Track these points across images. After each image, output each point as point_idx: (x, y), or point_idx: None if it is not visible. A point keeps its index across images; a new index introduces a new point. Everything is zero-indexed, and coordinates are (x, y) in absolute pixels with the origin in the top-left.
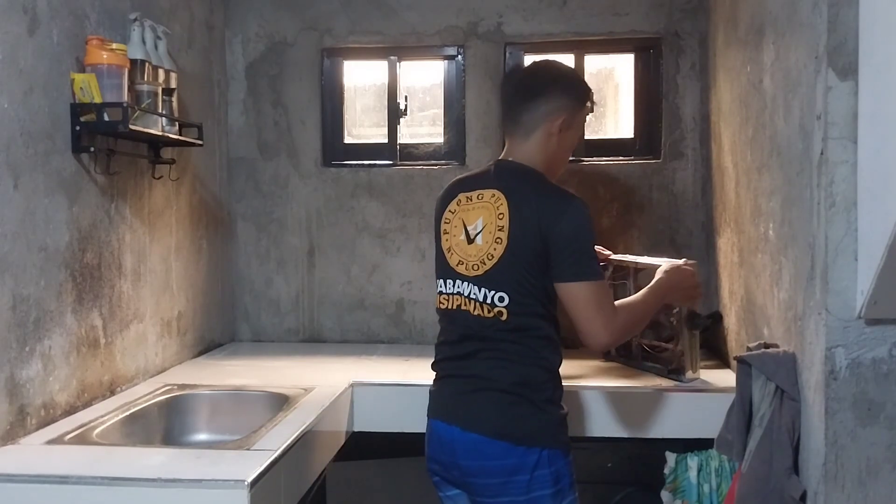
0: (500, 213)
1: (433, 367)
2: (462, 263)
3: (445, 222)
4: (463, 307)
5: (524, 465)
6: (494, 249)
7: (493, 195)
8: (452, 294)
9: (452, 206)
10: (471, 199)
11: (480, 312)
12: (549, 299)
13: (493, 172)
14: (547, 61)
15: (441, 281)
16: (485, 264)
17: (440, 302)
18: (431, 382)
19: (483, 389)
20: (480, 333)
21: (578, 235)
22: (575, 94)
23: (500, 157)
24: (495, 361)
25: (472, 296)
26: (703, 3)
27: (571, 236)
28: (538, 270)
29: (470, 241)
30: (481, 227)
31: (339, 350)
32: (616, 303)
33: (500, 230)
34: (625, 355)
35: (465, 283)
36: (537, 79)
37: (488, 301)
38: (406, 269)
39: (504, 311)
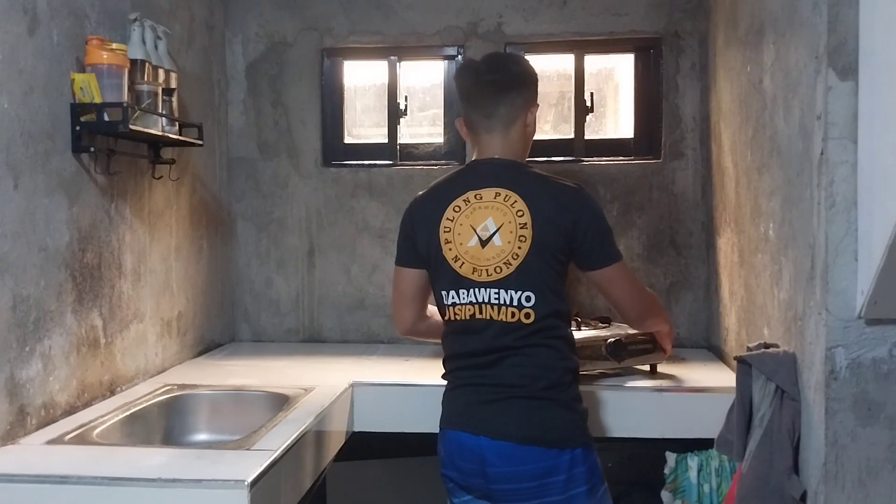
0: (519, 212)
1: (446, 376)
2: (476, 270)
3: (445, 231)
4: (478, 315)
5: (560, 466)
6: (519, 249)
7: (499, 194)
8: (465, 304)
9: (449, 213)
10: (468, 202)
11: (504, 317)
12: (565, 296)
13: (484, 172)
14: (503, 53)
15: (448, 292)
16: (509, 265)
17: (452, 314)
18: (444, 393)
19: (511, 397)
20: (503, 340)
21: (600, 222)
22: (536, 82)
23: (480, 157)
24: (521, 368)
25: (492, 301)
26: (703, 3)
27: (596, 225)
28: (560, 266)
29: (484, 244)
30: (494, 227)
31: (339, 350)
32: None
33: (522, 228)
34: None
35: (483, 290)
36: (508, 71)
37: (514, 303)
38: None
39: (531, 311)
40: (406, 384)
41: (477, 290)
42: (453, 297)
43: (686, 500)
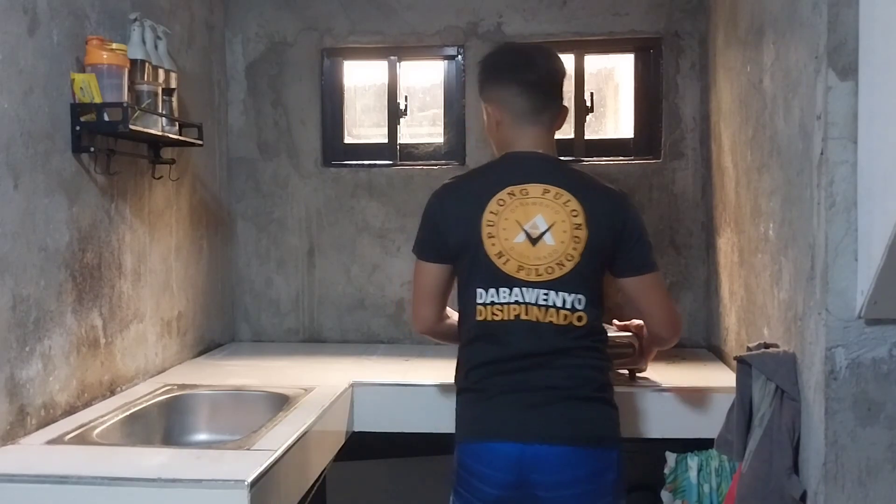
0: (574, 211)
1: (472, 385)
2: (523, 269)
3: (489, 225)
4: (524, 316)
5: (611, 465)
6: (573, 250)
7: (548, 191)
8: (509, 304)
9: (493, 206)
10: (514, 195)
11: (554, 319)
12: (603, 299)
13: (527, 166)
14: (547, 46)
15: (486, 290)
16: (562, 267)
17: (489, 314)
18: (469, 405)
19: (562, 400)
20: (553, 343)
21: (644, 229)
22: None
23: (517, 149)
24: (571, 370)
25: (540, 302)
26: (703, 3)
27: (640, 231)
28: (604, 269)
29: (534, 242)
30: (545, 226)
31: (339, 350)
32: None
33: (576, 229)
34: None
35: (531, 290)
36: (560, 67)
37: (567, 306)
38: (406, 269)
39: (583, 314)
40: (406, 384)
41: (523, 289)
42: (492, 296)
43: (686, 500)
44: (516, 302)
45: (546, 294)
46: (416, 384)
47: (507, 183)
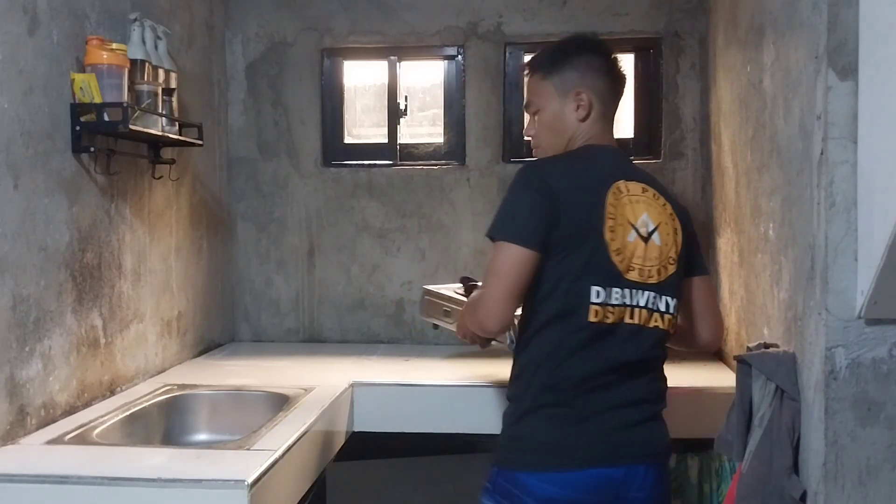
0: (672, 215)
1: (557, 401)
2: (632, 269)
3: (610, 217)
4: (628, 320)
5: (670, 475)
6: (675, 252)
7: (646, 190)
8: (617, 305)
9: (610, 198)
10: (621, 191)
11: (659, 324)
12: None
13: (619, 162)
14: None
15: (605, 289)
16: (667, 269)
17: (603, 315)
18: (553, 423)
19: (652, 416)
20: (647, 350)
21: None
22: None
23: (595, 142)
24: (656, 382)
25: (649, 305)
26: (703, 3)
27: (696, 233)
28: None
29: (645, 240)
30: (653, 225)
31: (339, 350)
32: None
33: (676, 233)
34: None
35: (641, 292)
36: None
37: (671, 310)
38: (406, 269)
39: (676, 321)
40: (406, 384)
41: (636, 291)
42: (607, 296)
43: (686, 501)
44: (624, 304)
45: (655, 297)
46: (416, 384)
47: (616, 176)
